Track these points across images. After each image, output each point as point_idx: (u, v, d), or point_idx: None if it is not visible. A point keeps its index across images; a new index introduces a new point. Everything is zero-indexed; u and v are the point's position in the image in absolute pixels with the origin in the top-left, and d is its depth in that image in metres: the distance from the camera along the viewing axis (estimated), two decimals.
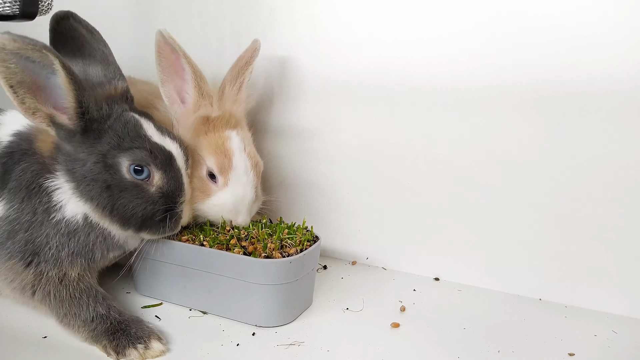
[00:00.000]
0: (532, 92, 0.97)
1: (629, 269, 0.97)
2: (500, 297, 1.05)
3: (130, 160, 0.84)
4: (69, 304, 0.87)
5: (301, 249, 0.92)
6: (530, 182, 1.01)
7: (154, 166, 0.85)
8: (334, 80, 1.12)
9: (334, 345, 0.87)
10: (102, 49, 0.93)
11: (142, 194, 0.85)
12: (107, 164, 0.83)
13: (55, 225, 0.85)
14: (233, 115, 1.01)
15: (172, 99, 0.99)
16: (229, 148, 0.97)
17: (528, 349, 0.88)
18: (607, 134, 0.94)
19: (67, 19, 0.92)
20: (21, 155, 0.87)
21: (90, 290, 0.89)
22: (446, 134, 1.05)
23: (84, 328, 0.86)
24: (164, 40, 0.93)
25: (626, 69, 0.90)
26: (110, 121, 0.85)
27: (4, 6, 0.80)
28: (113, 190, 0.84)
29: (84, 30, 0.93)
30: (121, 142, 0.84)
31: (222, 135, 0.98)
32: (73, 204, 0.86)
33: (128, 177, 0.84)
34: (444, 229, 1.10)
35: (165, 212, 0.88)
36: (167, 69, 0.97)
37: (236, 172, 0.97)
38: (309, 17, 1.11)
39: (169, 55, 0.95)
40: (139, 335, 0.84)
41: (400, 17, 1.03)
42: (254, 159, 1.01)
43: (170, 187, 0.88)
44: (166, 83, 0.98)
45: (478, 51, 0.99)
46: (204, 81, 0.98)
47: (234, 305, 0.93)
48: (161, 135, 0.88)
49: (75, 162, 0.84)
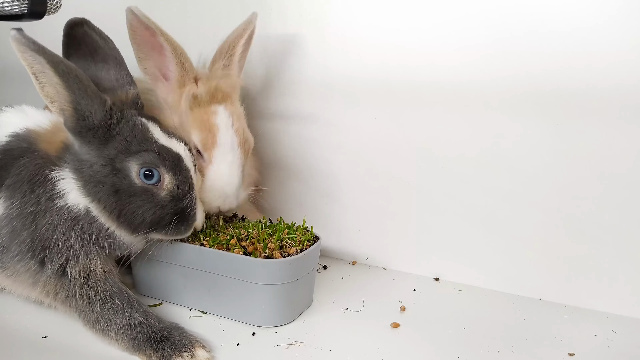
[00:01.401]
0: (533, 92, 0.97)
1: (629, 269, 0.97)
2: (500, 297, 1.05)
3: (140, 164, 0.83)
4: (100, 308, 0.85)
5: (301, 249, 0.92)
6: (530, 182, 1.01)
7: (163, 168, 0.84)
8: (334, 79, 1.12)
9: (334, 345, 0.87)
10: (114, 56, 0.93)
11: (152, 199, 0.84)
12: (115, 167, 0.83)
13: (58, 211, 0.84)
14: (220, 89, 0.98)
15: (155, 75, 0.98)
16: (214, 123, 0.94)
17: (528, 349, 0.88)
18: (607, 133, 0.94)
19: (81, 25, 0.93)
20: (22, 152, 0.87)
21: (122, 293, 0.87)
22: (447, 134, 1.05)
23: (122, 336, 0.84)
24: (136, 17, 0.92)
25: (629, 67, 0.90)
26: (119, 127, 0.84)
27: (12, 5, 0.80)
28: (122, 195, 0.83)
29: (97, 37, 0.93)
30: (129, 146, 0.83)
31: (207, 110, 0.95)
32: (75, 194, 0.85)
33: (138, 182, 0.83)
34: (444, 229, 1.10)
35: (174, 215, 0.87)
36: (143, 46, 0.95)
37: (221, 149, 0.94)
38: (311, 15, 1.11)
39: (142, 32, 0.94)
40: (184, 343, 0.82)
41: (403, 15, 1.03)
42: (242, 135, 0.97)
43: (181, 189, 0.87)
44: (144, 60, 0.97)
45: (480, 50, 0.99)
46: (185, 56, 0.96)
47: (234, 305, 0.93)
48: (168, 137, 0.88)
49: (82, 163, 0.84)
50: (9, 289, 0.93)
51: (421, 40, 1.03)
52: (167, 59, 0.96)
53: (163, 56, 0.96)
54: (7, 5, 0.78)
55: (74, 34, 0.93)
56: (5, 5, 0.78)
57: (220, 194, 0.96)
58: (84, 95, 0.80)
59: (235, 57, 1.01)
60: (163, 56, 0.96)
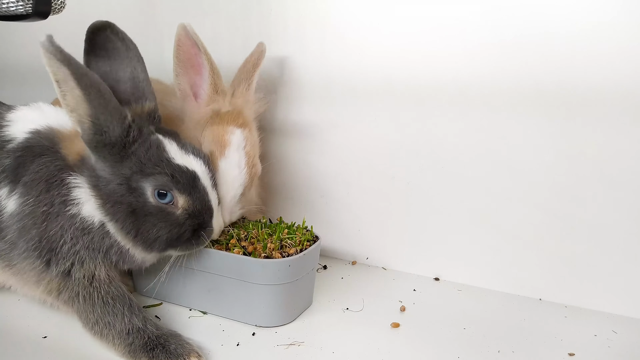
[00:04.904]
0: (533, 92, 0.97)
1: (629, 269, 0.97)
2: (500, 297, 1.05)
3: (153, 186, 0.82)
4: (101, 310, 0.85)
5: (301, 248, 0.92)
6: (531, 182, 1.01)
7: (176, 191, 0.83)
8: (335, 80, 1.12)
9: (334, 345, 0.87)
10: (134, 65, 0.88)
11: (167, 218, 0.83)
12: (131, 187, 0.81)
13: (70, 218, 0.84)
14: (242, 114, 1.00)
15: (185, 92, 0.99)
16: (227, 140, 0.95)
17: (528, 349, 0.88)
18: (608, 134, 0.93)
19: (105, 29, 0.88)
20: (43, 150, 0.86)
21: (124, 298, 0.87)
22: (447, 134, 1.05)
23: (119, 341, 0.83)
24: (186, 33, 0.93)
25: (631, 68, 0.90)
26: (135, 146, 0.82)
27: (17, 5, 0.80)
28: (138, 214, 0.82)
29: (120, 43, 0.88)
30: (143, 167, 0.82)
31: (225, 129, 0.96)
32: (91, 206, 0.84)
33: (153, 201, 0.82)
34: (444, 229, 1.10)
35: (193, 232, 0.86)
36: (184, 63, 0.96)
37: (227, 164, 0.94)
38: (312, 16, 1.11)
39: (188, 50, 0.95)
40: (179, 352, 0.81)
41: (403, 17, 1.03)
42: (252, 160, 0.99)
43: (197, 207, 0.85)
44: (181, 76, 0.97)
45: (480, 51, 0.98)
46: (220, 79, 0.98)
47: (234, 305, 0.93)
48: (184, 154, 0.86)
49: (99, 179, 0.83)
50: (14, 288, 0.93)
51: (421, 40, 1.03)
52: (203, 79, 0.97)
53: (199, 75, 0.97)
54: (12, 5, 0.78)
55: (95, 39, 0.88)
56: (10, 5, 0.78)
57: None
58: (104, 110, 0.78)
59: (252, 86, 1.04)
60: (199, 75, 0.97)
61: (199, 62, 0.96)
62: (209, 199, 0.87)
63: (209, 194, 0.87)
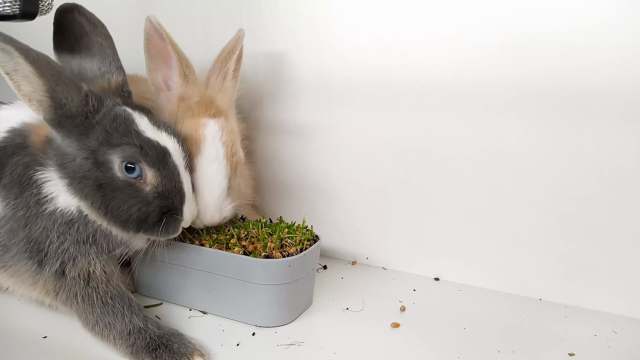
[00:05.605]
0: (533, 92, 0.97)
1: (629, 269, 0.97)
2: (500, 297, 1.05)
3: (121, 158, 0.79)
4: (100, 311, 0.84)
5: (301, 248, 0.92)
6: (530, 182, 1.01)
7: (145, 163, 0.80)
8: (333, 79, 1.12)
9: (334, 345, 0.87)
10: (100, 42, 0.89)
11: (135, 194, 0.81)
12: (98, 160, 0.79)
13: (49, 216, 0.82)
14: (214, 103, 0.97)
15: (159, 86, 0.98)
16: (201, 134, 0.93)
17: (528, 349, 0.88)
18: (608, 133, 0.94)
19: (71, 11, 0.90)
20: (15, 149, 0.85)
21: (123, 297, 0.86)
22: (447, 134, 1.05)
23: (121, 342, 0.83)
24: (153, 27, 0.92)
25: (630, 67, 0.90)
26: (99, 116, 0.80)
27: (4, 6, 0.80)
28: (106, 189, 0.80)
29: (87, 22, 0.90)
30: (110, 137, 0.79)
31: (197, 122, 0.94)
32: (65, 196, 0.82)
33: (120, 175, 0.80)
34: (444, 229, 1.10)
35: (161, 214, 0.83)
36: (155, 57, 0.96)
37: (204, 160, 0.92)
38: (309, 15, 1.11)
39: (157, 43, 0.94)
40: (182, 351, 0.80)
41: (400, 15, 1.03)
42: (231, 149, 0.95)
43: (166, 186, 0.82)
44: (154, 71, 0.97)
45: (480, 50, 0.99)
46: (190, 68, 0.96)
47: (234, 305, 0.93)
48: (157, 130, 0.83)
49: (64, 157, 0.81)
50: (11, 289, 0.93)
51: (420, 40, 1.03)
52: (172, 70, 0.96)
53: (169, 66, 0.96)
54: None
55: (62, 21, 0.90)
56: None
57: (202, 208, 0.93)
58: (58, 81, 0.76)
59: (229, 74, 1.01)
60: (169, 66, 0.96)
61: (168, 53, 0.95)
62: (180, 180, 0.84)
63: (180, 175, 0.84)
